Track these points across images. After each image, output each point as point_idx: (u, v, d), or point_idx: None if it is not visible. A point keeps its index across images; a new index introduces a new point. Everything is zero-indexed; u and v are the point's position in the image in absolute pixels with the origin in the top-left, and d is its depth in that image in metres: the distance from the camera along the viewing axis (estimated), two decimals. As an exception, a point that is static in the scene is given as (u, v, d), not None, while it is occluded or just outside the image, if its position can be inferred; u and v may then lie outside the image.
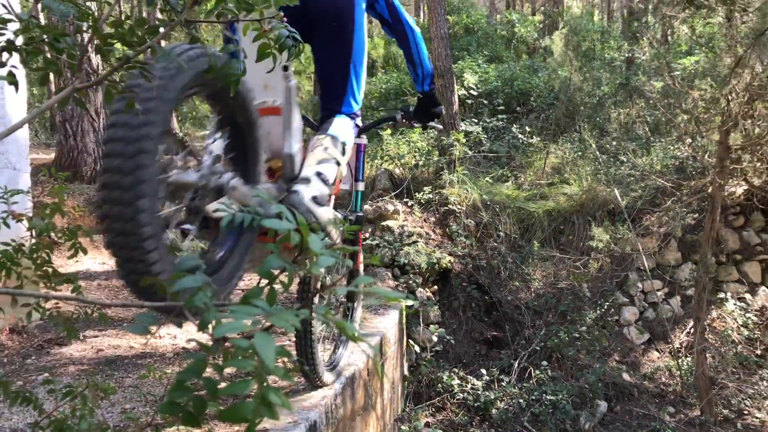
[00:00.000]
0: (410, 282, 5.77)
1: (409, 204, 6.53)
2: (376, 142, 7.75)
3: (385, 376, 4.40)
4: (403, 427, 4.61)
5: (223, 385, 0.71)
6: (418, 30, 2.92)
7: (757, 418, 5.47)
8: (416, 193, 6.62)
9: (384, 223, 6.20)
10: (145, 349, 3.42)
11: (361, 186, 2.94)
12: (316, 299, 2.76)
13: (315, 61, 2.86)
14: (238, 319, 0.71)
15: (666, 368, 5.88)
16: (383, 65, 13.27)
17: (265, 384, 0.68)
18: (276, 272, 0.84)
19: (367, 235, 6.19)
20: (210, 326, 0.76)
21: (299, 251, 0.88)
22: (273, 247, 0.84)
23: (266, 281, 0.84)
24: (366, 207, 6.36)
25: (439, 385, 5.47)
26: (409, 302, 5.47)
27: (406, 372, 5.39)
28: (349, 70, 2.75)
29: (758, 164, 6.44)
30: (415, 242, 6.09)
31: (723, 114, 5.31)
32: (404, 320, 5.36)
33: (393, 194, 6.60)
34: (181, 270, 0.95)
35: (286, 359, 0.80)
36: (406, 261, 5.84)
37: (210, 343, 0.77)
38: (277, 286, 0.85)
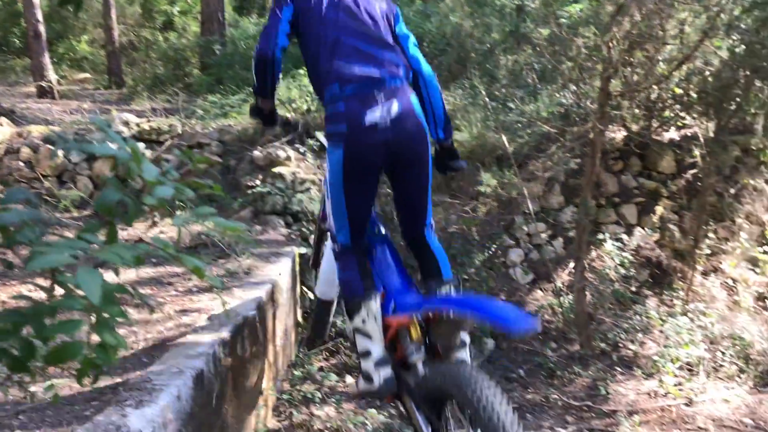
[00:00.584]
0: (303, 229, 5.73)
1: (302, 150, 6.43)
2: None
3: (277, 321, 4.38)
4: (296, 372, 4.63)
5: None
6: (429, 74, 3.00)
7: (630, 350, 5.86)
8: (308, 139, 6.52)
9: (275, 170, 6.09)
10: None
11: None
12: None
13: (395, 189, 3.08)
14: (58, 254, 0.66)
15: (549, 306, 6.17)
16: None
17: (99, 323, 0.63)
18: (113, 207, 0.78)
19: (258, 182, 6.08)
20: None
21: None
22: (111, 180, 0.79)
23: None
24: (256, 153, 6.23)
25: (333, 329, 5.50)
26: (302, 249, 5.45)
27: (299, 319, 5.40)
28: (428, 193, 3.02)
29: (636, 111, 6.76)
30: (308, 189, 6.03)
31: (604, 61, 5.50)
32: (297, 268, 5.34)
33: (284, 140, 6.48)
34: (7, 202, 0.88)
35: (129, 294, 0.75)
36: (299, 208, 5.79)
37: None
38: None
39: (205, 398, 2.83)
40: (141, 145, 6.59)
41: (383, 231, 3.40)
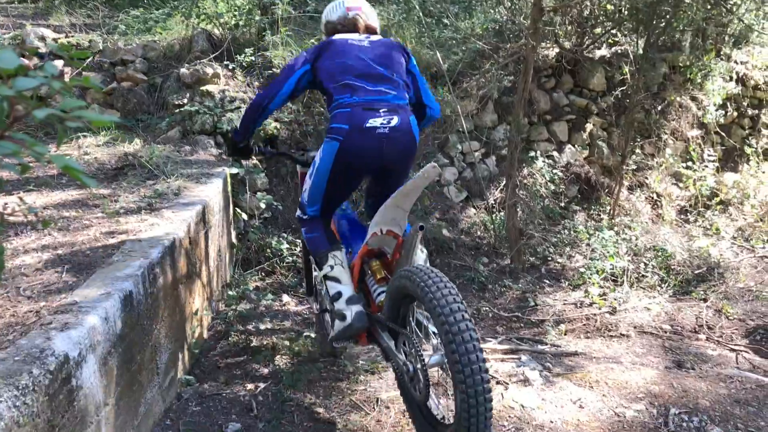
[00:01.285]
0: (235, 149, 5.60)
1: (231, 67, 6.22)
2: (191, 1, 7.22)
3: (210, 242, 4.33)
4: (230, 293, 4.62)
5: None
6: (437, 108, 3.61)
7: (558, 263, 6.06)
8: (237, 56, 6.29)
9: (203, 88, 5.88)
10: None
11: None
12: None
13: (373, 185, 3.56)
14: None
15: (482, 223, 6.29)
16: None
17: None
18: None
19: (186, 100, 5.87)
20: None
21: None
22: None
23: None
24: (183, 71, 5.98)
25: (268, 250, 5.49)
26: (234, 170, 5.35)
27: (234, 240, 5.35)
28: None
29: (569, 27, 6.77)
30: (238, 108, 5.86)
31: (538, -24, 5.44)
32: (229, 188, 5.25)
33: (212, 56, 6.23)
34: None
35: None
36: (230, 127, 5.64)
37: None
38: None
39: (135, 319, 2.80)
40: (59, 62, 6.24)
41: (349, 209, 3.92)
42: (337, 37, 3.44)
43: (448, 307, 2.39)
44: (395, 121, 3.13)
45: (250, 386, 3.66)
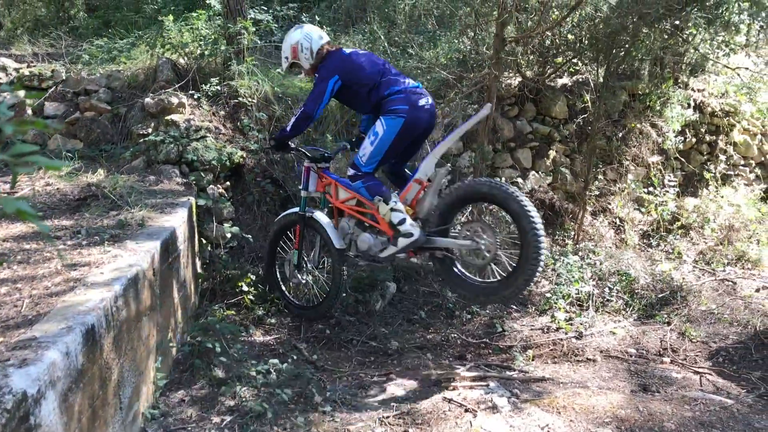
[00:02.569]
0: (200, 179, 5.57)
1: (196, 96, 6.20)
2: (156, 29, 7.21)
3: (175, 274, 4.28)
4: (195, 324, 4.56)
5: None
6: None
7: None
8: (203, 85, 6.29)
9: (168, 118, 5.85)
10: None
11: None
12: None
13: (400, 153, 4.79)
14: None
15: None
16: None
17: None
18: None
19: (150, 130, 5.83)
20: None
21: None
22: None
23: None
24: (147, 100, 5.96)
25: (234, 280, 5.44)
26: (201, 201, 5.31)
27: (199, 270, 5.30)
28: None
29: (531, 57, 6.90)
30: (203, 137, 5.84)
31: (499, 7, 5.56)
32: (195, 218, 5.21)
33: (177, 86, 6.21)
34: None
35: None
36: (195, 157, 5.60)
37: None
38: None
39: (97, 353, 2.75)
40: (21, 92, 6.18)
41: None
42: (347, 50, 4.72)
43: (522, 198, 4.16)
44: (430, 100, 4.63)
45: (216, 419, 3.61)
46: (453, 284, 4.66)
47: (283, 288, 5.46)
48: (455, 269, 4.61)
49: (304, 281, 5.36)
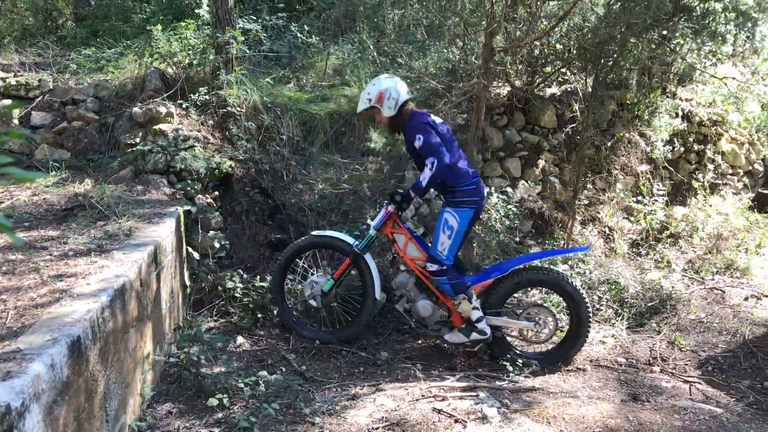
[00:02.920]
0: (188, 189, 5.55)
1: (184, 106, 6.18)
2: (145, 38, 7.18)
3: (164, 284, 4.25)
4: (183, 335, 4.52)
5: None
6: None
7: (514, 297, 6.08)
8: (191, 95, 6.26)
9: (156, 127, 5.82)
10: None
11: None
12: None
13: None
14: None
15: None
16: None
17: None
18: None
19: (138, 140, 5.80)
20: None
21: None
22: None
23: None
24: (135, 110, 5.93)
25: (222, 290, 5.41)
26: (187, 208, 5.28)
27: (187, 280, 5.26)
28: None
29: (519, 66, 6.92)
30: (192, 147, 5.82)
31: (488, 16, 5.57)
32: (182, 228, 5.18)
33: (165, 95, 6.19)
34: None
35: None
36: (183, 167, 5.58)
37: None
38: None
39: (83, 365, 2.71)
40: (7, 102, 6.14)
41: None
42: (434, 119, 4.86)
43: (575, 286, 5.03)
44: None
45: (203, 432, 3.57)
46: (495, 347, 5.09)
47: (287, 302, 5.40)
48: (501, 335, 5.11)
49: (321, 307, 5.27)
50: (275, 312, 5.40)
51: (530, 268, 5.08)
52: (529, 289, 5.87)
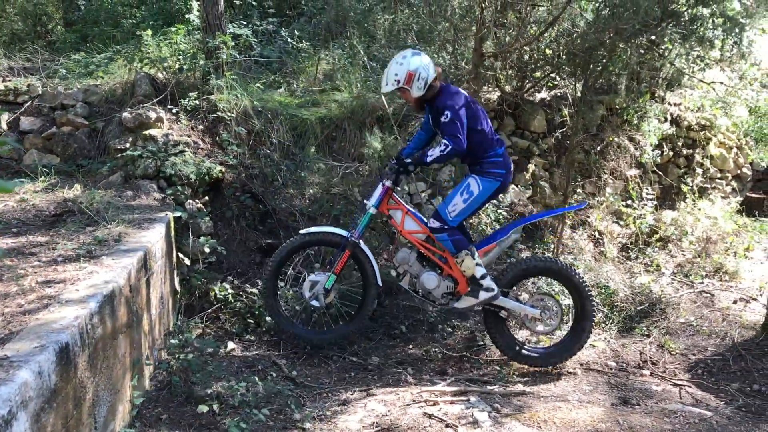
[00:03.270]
0: (178, 194, 5.53)
1: (174, 111, 6.17)
2: (135, 43, 7.16)
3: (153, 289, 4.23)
4: (173, 341, 4.51)
5: None
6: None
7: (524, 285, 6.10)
8: (182, 100, 6.25)
9: (146, 132, 5.80)
10: None
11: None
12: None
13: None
14: None
15: (429, 264, 6.30)
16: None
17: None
18: None
19: (128, 145, 5.79)
20: None
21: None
22: None
23: None
24: (125, 115, 5.91)
25: (212, 295, 5.40)
26: (177, 214, 5.27)
27: (177, 286, 5.24)
28: None
29: (509, 71, 6.95)
30: (182, 152, 5.81)
31: (478, 22, 5.59)
32: (172, 233, 5.16)
33: (155, 100, 6.17)
34: None
35: None
36: (173, 172, 5.56)
37: None
38: None
39: (71, 372, 2.70)
40: (-3, 107, 6.11)
41: None
42: (464, 92, 4.80)
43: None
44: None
45: (193, 438, 3.56)
46: (500, 339, 5.08)
47: (282, 306, 5.23)
48: (506, 327, 5.15)
49: (324, 306, 5.09)
50: (271, 320, 5.26)
51: (537, 258, 5.18)
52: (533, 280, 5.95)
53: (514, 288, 5.27)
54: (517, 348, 5.04)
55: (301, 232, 5.13)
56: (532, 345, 5.30)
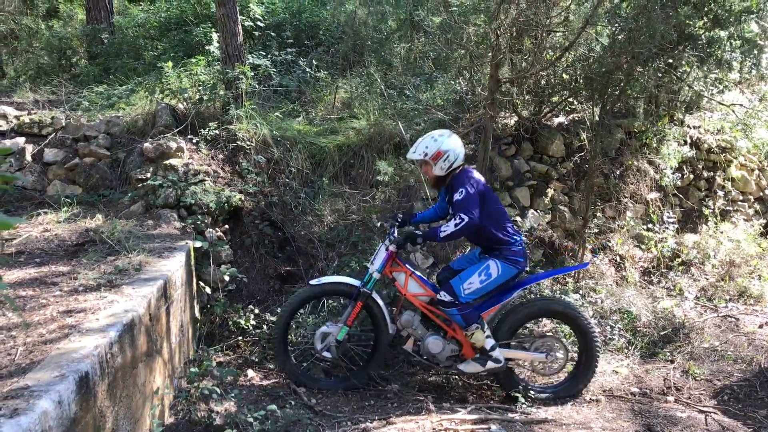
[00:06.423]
0: (198, 222, 5.58)
1: (195, 141, 6.25)
2: (156, 75, 7.29)
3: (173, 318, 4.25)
4: (193, 369, 4.52)
5: None
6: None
7: (526, 327, 6.04)
8: (202, 130, 6.34)
9: (167, 162, 5.88)
10: None
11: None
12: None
13: None
14: None
15: (448, 290, 6.27)
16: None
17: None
18: None
19: (149, 174, 5.86)
20: None
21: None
22: None
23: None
24: (146, 145, 6.00)
25: (233, 324, 5.41)
26: (198, 243, 5.31)
27: (197, 314, 5.27)
28: None
29: (526, 97, 6.96)
30: (202, 181, 5.87)
31: (493, 48, 5.62)
32: (193, 262, 5.20)
33: (176, 131, 6.27)
34: None
35: None
36: (193, 201, 5.62)
37: None
38: None
39: (91, 401, 2.72)
40: (21, 140, 6.23)
41: None
42: (482, 178, 4.81)
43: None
44: None
45: (212, 467, 3.55)
46: (512, 385, 5.02)
47: (292, 360, 5.09)
48: (515, 374, 5.12)
49: (337, 358, 5.01)
50: (282, 368, 5.11)
51: (541, 299, 5.14)
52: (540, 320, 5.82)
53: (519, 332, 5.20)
54: (522, 388, 4.97)
55: (311, 283, 5.02)
56: (537, 384, 5.22)
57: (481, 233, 4.72)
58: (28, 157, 6.15)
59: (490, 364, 4.81)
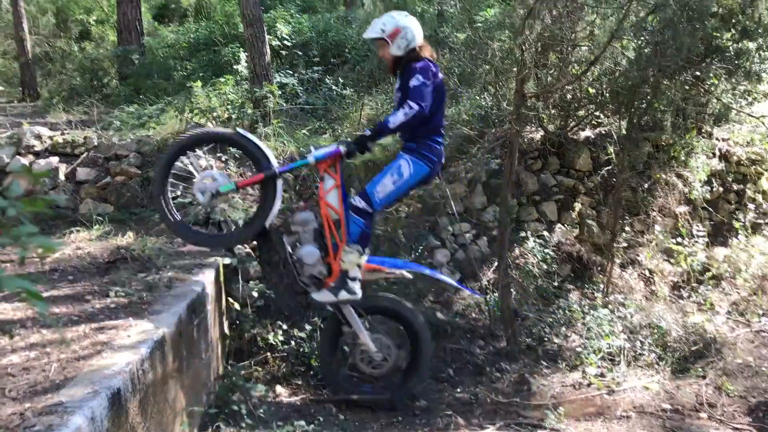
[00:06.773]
0: (227, 239, 5.63)
1: (224, 159, 6.35)
2: (185, 95, 7.42)
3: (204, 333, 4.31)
4: (222, 385, 4.56)
5: None
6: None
7: (554, 343, 6.01)
8: (230, 148, 6.43)
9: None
10: None
11: None
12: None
13: None
14: None
15: (475, 305, 6.27)
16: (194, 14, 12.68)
17: None
18: None
19: (179, 192, 5.96)
20: None
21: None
22: None
23: None
24: (177, 164, 6.10)
25: (261, 340, 5.45)
26: (227, 260, 5.37)
27: (226, 330, 5.32)
28: None
29: (552, 111, 6.96)
30: (231, 198, 5.94)
31: (518, 63, 5.64)
32: (222, 278, 5.26)
33: (205, 149, 6.37)
34: None
35: None
36: (222, 218, 5.70)
37: None
38: None
39: (123, 418, 2.76)
40: (54, 159, 6.38)
41: None
42: (436, 69, 4.53)
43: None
44: None
45: (242, 483, 3.57)
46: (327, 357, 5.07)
47: (172, 207, 4.99)
48: (336, 349, 5.13)
49: (207, 206, 5.05)
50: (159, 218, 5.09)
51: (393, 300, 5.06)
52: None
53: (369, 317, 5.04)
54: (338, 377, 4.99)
55: (238, 131, 5.06)
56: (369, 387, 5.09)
57: (417, 126, 4.49)
58: (62, 177, 6.29)
59: (342, 294, 4.57)
